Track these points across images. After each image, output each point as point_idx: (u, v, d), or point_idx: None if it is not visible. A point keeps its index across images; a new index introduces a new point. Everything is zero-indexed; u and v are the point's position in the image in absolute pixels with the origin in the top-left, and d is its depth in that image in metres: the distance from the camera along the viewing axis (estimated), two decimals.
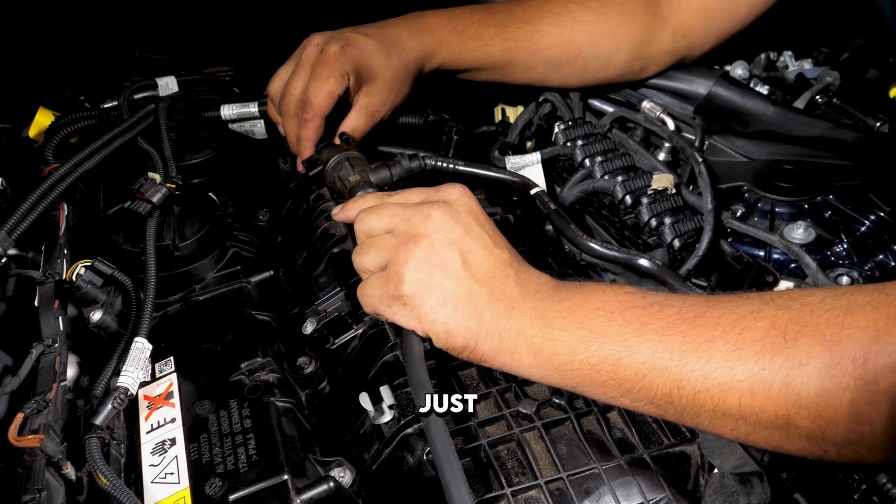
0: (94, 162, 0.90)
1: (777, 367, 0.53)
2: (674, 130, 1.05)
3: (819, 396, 0.52)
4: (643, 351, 0.57)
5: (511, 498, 0.63)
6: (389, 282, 0.65)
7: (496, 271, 0.65)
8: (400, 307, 0.65)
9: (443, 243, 0.65)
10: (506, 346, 0.63)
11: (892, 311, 0.51)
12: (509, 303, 0.63)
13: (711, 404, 0.55)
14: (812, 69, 1.23)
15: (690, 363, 0.56)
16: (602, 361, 0.59)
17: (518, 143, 1.15)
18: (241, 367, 0.73)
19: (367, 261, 0.68)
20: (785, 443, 0.55)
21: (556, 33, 1.03)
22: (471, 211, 0.68)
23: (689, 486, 0.67)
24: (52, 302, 0.76)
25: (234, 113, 1.04)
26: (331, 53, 0.93)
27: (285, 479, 0.63)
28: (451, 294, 0.63)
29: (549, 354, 0.61)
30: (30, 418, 0.65)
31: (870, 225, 0.93)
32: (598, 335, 0.60)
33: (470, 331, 0.63)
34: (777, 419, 0.53)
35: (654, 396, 0.58)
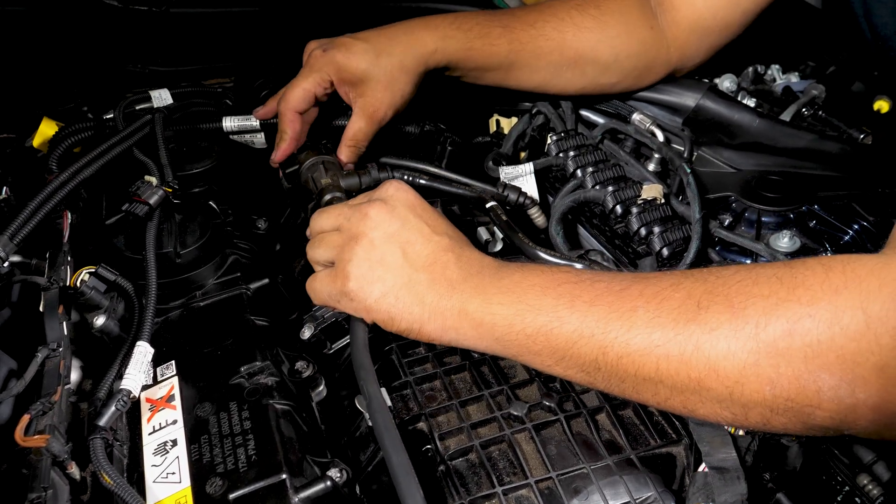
0: (93, 170, 0.91)
1: (690, 332, 0.58)
2: (663, 142, 1.07)
3: (726, 359, 0.56)
4: (573, 321, 0.62)
5: (502, 497, 0.65)
6: (337, 279, 0.72)
7: (436, 257, 0.71)
8: (347, 301, 0.72)
9: (381, 239, 0.71)
10: (449, 323, 0.68)
11: (793, 281, 0.56)
12: (450, 285, 0.69)
13: (633, 369, 0.60)
14: (798, 82, 1.26)
15: (614, 331, 0.61)
16: (536, 332, 0.64)
17: (512, 154, 1.17)
18: (240, 371, 0.75)
19: (318, 255, 0.76)
20: (699, 406, 0.59)
21: (558, 37, 1.05)
22: (407, 204, 0.74)
23: (675, 486, 0.69)
24: (56, 307, 0.77)
25: (236, 125, 1.06)
26: (313, 56, 0.97)
27: (284, 479, 0.64)
28: (391, 285, 0.70)
29: (490, 327, 0.66)
30: (35, 419, 0.67)
31: (853, 234, 0.95)
32: (533, 308, 0.64)
33: (413, 315, 0.69)
34: (690, 382, 0.58)
35: (583, 363, 0.63)
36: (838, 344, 0.53)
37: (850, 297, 0.54)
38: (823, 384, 0.54)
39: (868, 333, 0.52)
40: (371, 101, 0.97)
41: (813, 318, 0.54)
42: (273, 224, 1.06)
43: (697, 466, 0.67)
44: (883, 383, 0.53)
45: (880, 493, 0.76)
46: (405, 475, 0.60)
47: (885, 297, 0.53)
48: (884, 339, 0.52)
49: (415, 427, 0.72)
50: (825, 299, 0.54)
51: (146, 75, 1.20)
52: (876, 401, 0.53)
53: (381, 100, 0.97)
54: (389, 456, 0.62)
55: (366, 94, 0.96)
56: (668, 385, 0.59)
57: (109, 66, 1.21)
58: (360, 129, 0.98)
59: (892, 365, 0.52)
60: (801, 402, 0.55)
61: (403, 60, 0.97)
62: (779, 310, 0.55)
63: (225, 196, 1.02)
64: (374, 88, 0.96)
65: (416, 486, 0.60)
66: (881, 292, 0.53)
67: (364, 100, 0.97)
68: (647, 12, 1.08)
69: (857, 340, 0.53)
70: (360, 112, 0.97)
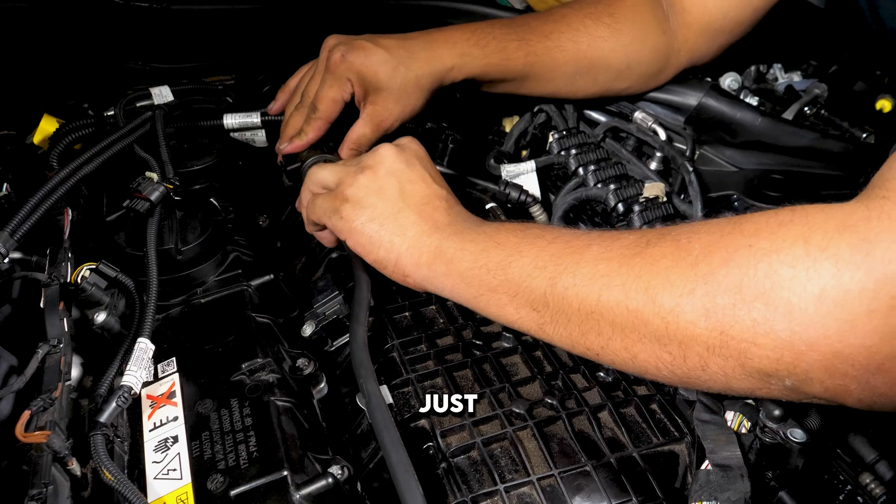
0: (94, 166, 0.91)
1: (633, 265, 0.60)
2: (665, 140, 1.07)
3: (664, 289, 0.57)
4: (530, 254, 0.67)
5: (504, 494, 0.64)
6: (336, 198, 0.78)
7: (429, 200, 0.76)
8: (337, 219, 0.77)
9: (385, 172, 0.77)
10: (424, 259, 0.73)
11: (741, 220, 0.57)
12: (434, 225, 0.74)
13: (577, 302, 0.62)
14: (801, 81, 1.26)
15: (564, 263, 0.64)
16: (497, 265, 0.68)
17: (513, 152, 1.17)
18: (241, 368, 0.75)
19: (323, 177, 0.82)
20: (639, 348, 0.60)
21: (573, 48, 1.05)
22: (417, 154, 0.81)
23: (678, 484, 0.69)
24: (57, 303, 0.77)
25: (237, 122, 1.06)
26: (333, 60, 0.96)
27: (285, 475, 0.64)
28: (380, 213, 0.75)
29: (457, 263, 0.71)
30: (36, 416, 0.66)
31: None
32: (498, 244, 0.70)
33: (392, 244, 0.74)
34: (629, 314, 0.59)
35: (534, 299, 0.65)
36: (775, 271, 0.52)
37: (794, 228, 0.53)
38: (758, 315, 0.52)
39: (807, 260, 0.51)
40: (380, 110, 0.96)
41: (752, 248, 0.54)
42: (274, 221, 1.06)
43: (700, 464, 0.66)
44: (822, 315, 0.50)
45: (882, 492, 0.76)
46: (404, 473, 0.60)
47: (830, 228, 0.51)
48: (824, 267, 0.50)
49: (416, 424, 0.72)
50: (767, 230, 0.54)
51: (147, 72, 1.20)
52: (814, 336, 0.51)
53: (391, 111, 0.97)
54: (389, 454, 0.61)
55: (377, 103, 0.96)
56: (609, 320, 0.60)
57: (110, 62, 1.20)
58: (363, 135, 0.97)
59: (833, 296, 0.50)
60: (737, 336, 0.54)
61: (420, 76, 0.97)
62: (721, 241, 0.56)
63: (226, 193, 1.01)
64: (385, 99, 0.96)
65: (416, 484, 0.59)
66: (827, 224, 0.52)
67: (374, 108, 0.96)
68: (659, 16, 1.07)
69: (794, 267, 0.51)
70: (367, 118, 0.97)
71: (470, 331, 0.81)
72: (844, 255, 0.50)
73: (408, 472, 0.60)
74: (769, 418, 0.68)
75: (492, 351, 0.78)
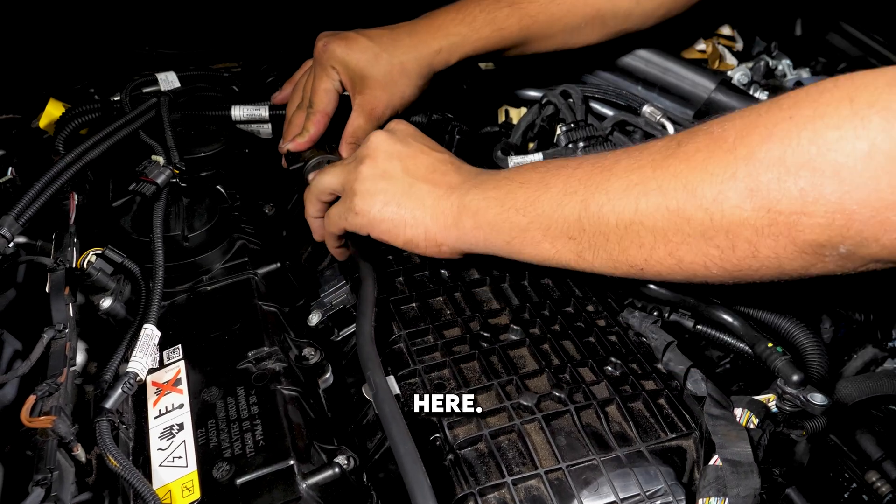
0: (99, 151, 0.91)
1: (668, 166, 0.59)
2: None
3: (703, 181, 0.56)
4: (558, 183, 0.66)
5: (512, 486, 0.64)
6: (346, 199, 0.79)
7: (435, 167, 0.77)
8: (354, 217, 0.77)
9: (384, 156, 0.77)
10: (451, 220, 0.73)
11: (780, 98, 0.56)
12: (449, 187, 0.74)
13: (614, 217, 0.61)
14: (809, 77, 1.25)
15: (595, 183, 0.63)
16: (525, 203, 0.68)
17: (521, 144, 1.17)
18: (248, 356, 0.75)
19: (327, 182, 0.82)
20: (685, 250, 0.59)
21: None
22: (408, 132, 0.81)
23: (685, 479, 0.68)
24: (62, 289, 0.77)
25: (245, 114, 1.06)
26: (317, 51, 0.98)
27: (291, 465, 0.64)
28: (393, 194, 0.75)
29: (485, 212, 0.71)
30: (41, 400, 0.66)
31: None
32: (522, 184, 0.69)
33: (416, 219, 0.74)
34: (670, 215, 0.58)
35: (568, 227, 0.65)
36: (820, 136, 0.51)
37: (837, 92, 0.52)
38: (805, 183, 0.51)
39: (854, 119, 0.50)
40: (369, 98, 0.96)
41: (793, 119, 0.53)
42: (280, 210, 1.05)
43: (708, 460, 0.66)
44: (873, 170, 0.50)
45: (889, 490, 0.76)
46: (412, 464, 0.60)
47: (880, 84, 0.50)
48: (873, 122, 0.49)
49: (423, 416, 0.71)
50: (807, 100, 0.53)
51: (153, 57, 1.19)
52: (865, 193, 0.50)
53: (380, 98, 0.97)
54: (396, 445, 0.61)
55: (364, 92, 0.96)
56: (650, 227, 0.59)
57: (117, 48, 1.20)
58: (359, 126, 0.97)
59: (884, 149, 0.49)
60: (785, 210, 0.53)
61: (404, 62, 0.97)
62: (759, 121, 0.55)
63: (233, 181, 1.01)
64: (371, 87, 0.96)
65: (424, 476, 0.59)
66: (876, 82, 0.51)
67: (363, 97, 0.96)
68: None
69: (840, 128, 0.51)
70: (358, 109, 0.97)
71: (477, 322, 0.80)
72: (895, 106, 0.49)
73: (416, 464, 0.60)
74: (788, 384, 0.68)
75: (499, 343, 0.78)
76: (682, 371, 0.74)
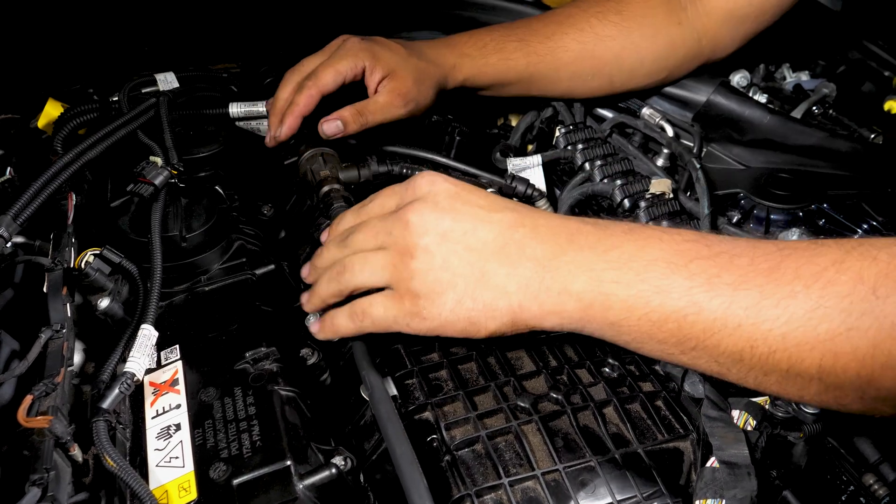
0: (98, 151, 0.91)
1: (867, 327, 0.50)
2: (673, 137, 1.07)
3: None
4: (714, 307, 0.54)
5: (508, 488, 0.64)
6: (403, 300, 0.64)
7: (505, 239, 0.62)
8: (420, 321, 0.64)
9: (436, 242, 0.63)
10: (548, 308, 0.60)
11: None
12: (538, 264, 0.60)
13: (786, 364, 0.53)
14: (809, 81, 1.26)
15: (768, 321, 0.52)
16: (665, 318, 0.56)
17: (520, 146, 1.17)
18: (245, 356, 0.75)
19: (363, 279, 0.67)
20: (855, 403, 0.53)
21: (578, 48, 1.04)
22: (448, 194, 0.66)
23: (682, 481, 0.68)
24: (60, 288, 0.77)
25: (243, 111, 1.05)
26: (351, 42, 0.97)
27: (288, 465, 0.64)
28: (464, 288, 0.61)
29: (602, 310, 0.58)
30: (38, 400, 0.66)
31: (862, 234, 0.95)
32: (660, 290, 0.56)
33: (499, 311, 0.61)
34: (859, 379, 0.51)
35: (719, 355, 0.55)
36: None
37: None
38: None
39: None
40: (398, 85, 0.96)
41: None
42: (278, 211, 1.05)
43: (705, 462, 0.66)
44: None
45: (886, 493, 0.76)
46: (409, 465, 0.60)
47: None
48: None
49: (420, 417, 0.71)
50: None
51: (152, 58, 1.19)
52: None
53: (410, 89, 0.97)
54: (393, 446, 0.62)
55: (395, 80, 0.97)
56: (828, 382, 0.52)
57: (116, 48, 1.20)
58: (376, 102, 0.96)
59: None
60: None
61: (429, 65, 0.99)
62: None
63: (231, 181, 1.01)
64: (404, 78, 0.97)
65: (421, 477, 0.59)
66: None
67: (392, 83, 0.96)
68: (674, 7, 1.06)
69: None
70: (384, 91, 0.96)
71: None
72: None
73: (412, 465, 0.60)
74: None
75: (497, 344, 0.78)
76: (679, 373, 0.75)
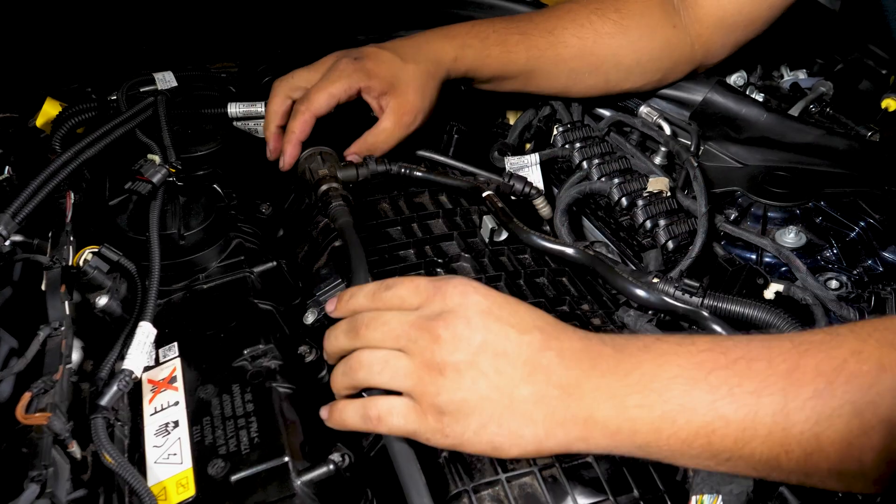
0: (96, 150, 0.91)
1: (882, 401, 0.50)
2: (670, 135, 1.07)
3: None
4: (740, 418, 0.53)
5: (506, 483, 0.64)
6: (426, 415, 0.60)
7: (535, 364, 0.59)
8: (441, 438, 0.60)
9: (466, 362, 0.59)
10: (574, 435, 0.58)
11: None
12: (564, 391, 0.58)
13: (827, 465, 0.51)
14: (806, 79, 1.26)
15: (798, 424, 0.51)
16: (693, 435, 0.54)
17: (517, 145, 1.17)
18: (243, 354, 0.75)
19: (382, 381, 0.63)
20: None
21: (578, 44, 1.04)
22: (480, 309, 0.61)
23: (679, 477, 0.68)
24: (58, 286, 0.77)
25: (241, 111, 1.06)
26: (343, 62, 0.96)
27: (286, 462, 0.64)
28: (491, 413, 0.59)
29: (629, 435, 0.56)
30: (37, 397, 0.66)
31: (859, 231, 0.95)
32: (685, 408, 0.54)
33: (524, 439, 0.58)
34: (887, 467, 0.50)
35: (756, 462, 0.54)
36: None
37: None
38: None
39: None
40: (402, 102, 0.96)
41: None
42: (277, 209, 1.06)
43: None
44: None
45: None
46: (406, 462, 0.60)
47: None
48: None
49: None
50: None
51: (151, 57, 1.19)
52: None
53: (413, 103, 0.96)
54: (391, 442, 0.62)
55: (398, 96, 0.96)
56: (871, 477, 0.51)
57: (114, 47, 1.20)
58: (384, 130, 0.96)
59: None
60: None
61: (429, 67, 0.97)
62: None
63: (229, 180, 1.01)
64: (405, 92, 0.96)
65: (419, 472, 0.59)
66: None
67: (396, 101, 0.96)
68: (669, 10, 1.07)
69: None
70: (390, 113, 0.96)
71: None
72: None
73: (410, 462, 0.60)
74: None
75: None
76: None
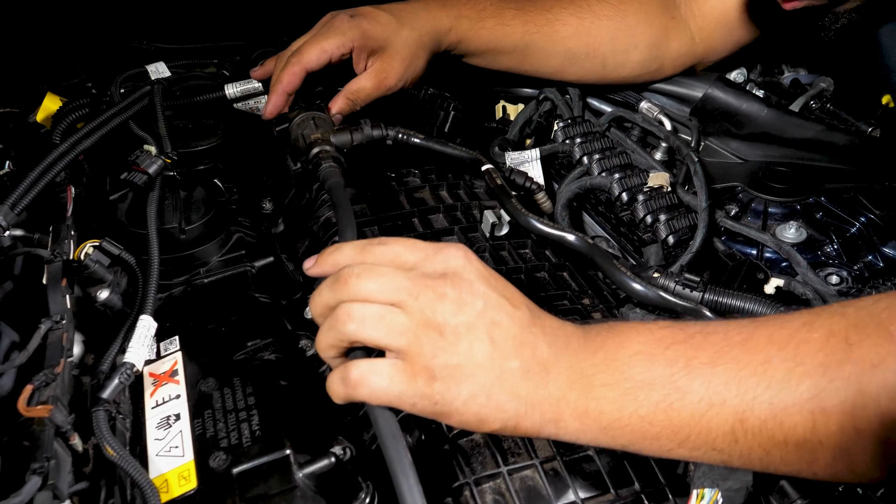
0: (93, 140, 0.91)
1: (846, 375, 0.49)
2: (671, 131, 1.07)
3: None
4: (696, 388, 0.53)
5: (507, 476, 0.64)
6: (416, 377, 0.57)
7: (524, 338, 0.58)
8: (428, 404, 0.57)
9: (466, 326, 0.57)
10: (548, 415, 0.57)
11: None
12: (543, 368, 0.57)
13: (781, 433, 0.51)
14: (807, 75, 1.26)
15: (751, 390, 0.51)
16: (653, 411, 0.54)
17: (518, 140, 1.17)
18: (245, 347, 0.75)
19: (374, 336, 0.58)
20: (867, 465, 0.51)
21: (576, 23, 1.04)
22: (482, 277, 0.60)
23: (679, 471, 0.69)
24: (59, 280, 0.77)
25: (239, 91, 1.05)
26: (339, 19, 0.97)
27: (287, 454, 0.64)
28: (482, 382, 0.57)
29: (595, 415, 0.56)
30: (38, 390, 0.66)
31: (859, 226, 0.95)
32: (643, 383, 0.54)
33: (506, 413, 0.57)
34: (857, 434, 0.49)
35: (714, 439, 0.53)
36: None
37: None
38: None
39: None
40: (386, 67, 0.97)
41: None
42: (277, 204, 1.06)
43: None
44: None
45: None
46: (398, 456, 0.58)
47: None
48: None
49: None
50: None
51: (151, 52, 1.19)
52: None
53: (396, 70, 0.97)
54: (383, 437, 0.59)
55: (384, 60, 0.97)
56: (830, 445, 0.50)
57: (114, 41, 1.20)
58: (363, 88, 0.97)
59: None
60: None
61: (422, 35, 0.98)
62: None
63: (230, 174, 1.01)
64: (392, 57, 0.97)
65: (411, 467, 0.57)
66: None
67: (380, 64, 0.97)
68: (667, 1, 1.07)
69: None
70: (371, 73, 0.97)
71: None
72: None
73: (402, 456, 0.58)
74: None
75: None
76: None
